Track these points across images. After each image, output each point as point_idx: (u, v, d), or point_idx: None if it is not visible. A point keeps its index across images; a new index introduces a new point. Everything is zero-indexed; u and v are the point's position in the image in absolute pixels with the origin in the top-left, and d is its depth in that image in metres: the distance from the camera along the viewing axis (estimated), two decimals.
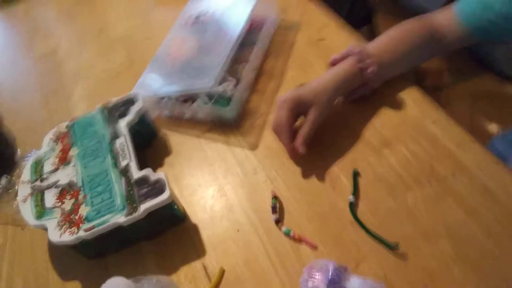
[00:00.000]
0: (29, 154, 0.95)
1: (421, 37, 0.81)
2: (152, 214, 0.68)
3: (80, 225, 0.67)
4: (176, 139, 0.90)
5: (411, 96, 0.82)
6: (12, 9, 1.49)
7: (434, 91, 2.07)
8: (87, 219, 0.68)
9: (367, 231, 0.66)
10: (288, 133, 0.74)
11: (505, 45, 1.97)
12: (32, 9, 1.46)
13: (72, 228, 0.67)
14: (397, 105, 0.81)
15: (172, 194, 0.69)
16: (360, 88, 0.81)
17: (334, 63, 0.81)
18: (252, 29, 1.01)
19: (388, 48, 0.80)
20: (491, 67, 2.07)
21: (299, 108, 0.75)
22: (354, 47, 0.78)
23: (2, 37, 1.42)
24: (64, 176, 0.76)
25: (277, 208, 0.73)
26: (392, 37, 0.82)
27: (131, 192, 0.69)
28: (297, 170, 0.78)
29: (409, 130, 0.77)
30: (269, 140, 0.83)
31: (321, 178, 0.75)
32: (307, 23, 1.05)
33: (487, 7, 0.74)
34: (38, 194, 0.74)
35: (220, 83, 0.88)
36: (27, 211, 0.72)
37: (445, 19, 0.82)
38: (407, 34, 0.82)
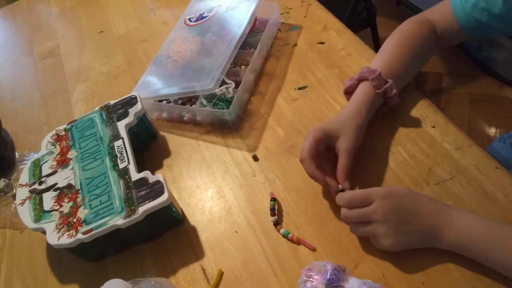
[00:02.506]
0: (27, 157, 0.95)
1: (424, 39, 0.81)
2: (150, 216, 0.68)
3: (79, 227, 0.67)
4: (175, 141, 0.90)
5: (410, 99, 0.82)
6: (14, 8, 1.50)
7: (434, 95, 2.08)
8: (86, 221, 0.68)
9: None
10: (309, 162, 0.68)
11: (505, 49, 1.98)
12: (33, 9, 1.46)
13: (71, 231, 0.67)
14: (397, 108, 0.81)
15: (170, 196, 0.69)
16: (380, 110, 0.79)
17: (348, 91, 0.80)
18: (253, 31, 1.01)
19: (398, 62, 0.79)
20: (490, 71, 2.07)
21: (326, 140, 0.70)
22: (367, 72, 0.76)
23: (2, 36, 1.43)
24: (63, 178, 0.76)
25: (276, 210, 0.73)
26: (398, 47, 0.81)
27: (130, 194, 0.69)
28: (295, 172, 0.77)
29: (408, 133, 0.78)
30: (268, 142, 0.84)
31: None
32: (309, 26, 1.05)
33: (482, 10, 0.75)
34: (36, 197, 0.74)
35: (220, 85, 0.88)
36: (25, 214, 0.72)
37: (441, 16, 0.82)
38: (411, 41, 0.81)
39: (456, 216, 0.60)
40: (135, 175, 0.72)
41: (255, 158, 0.81)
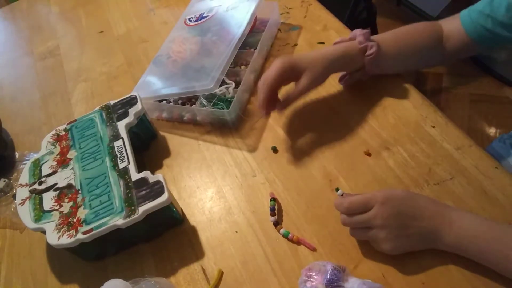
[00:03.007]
0: (27, 157, 0.95)
1: (428, 37, 0.81)
2: (150, 216, 0.68)
3: (79, 227, 0.67)
4: (175, 141, 0.90)
5: (410, 99, 0.82)
6: (14, 8, 1.50)
7: (434, 94, 2.08)
8: (86, 221, 0.68)
9: None
10: (267, 89, 0.75)
11: (505, 49, 1.98)
12: (33, 9, 1.46)
13: (71, 231, 0.67)
14: (397, 108, 0.81)
15: (170, 196, 0.69)
16: (357, 73, 0.82)
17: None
18: (253, 31, 1.01)
19: (391, 40, 0.81)
20: (490, 71, 2.07)
21: (291, 72, 0.75)
22: (357, 30, 0.79)
23: (2, 36, 1.43)
24: (63, 178, 0.76)
25: (276, 210, 0.73)
26: (398, 32, 0.83)
27: (130, 194, 0.69)
28: (295, 172, 0.78)
29: (408, 133, 0.78)
30: (268, 142, 0.83)
31: (320, 180, 0.75)
32: (309, 26, 1.06)
33: (487, 16, 0.75)
34: (36, 197, 0.74)
35: (220, 85, 0.88)
36: (25, 214, 0.72)
37: (452, 26, 0.82)
38: (413, 32, 0.82)
39: (456, 218, 0.60)
40: (135, 175, 0.72)
41: (275, 150, 0.82)
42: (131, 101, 0.85)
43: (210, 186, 0.80)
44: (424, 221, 0.60)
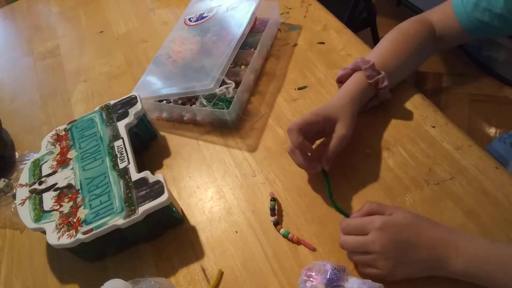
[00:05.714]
0: (27, 157, 0.95)
1: (422, 37, 0.81)
2: (150, 216, 0.68)
3: (79, 228, 0.67)
4: (175, 141, 0.90)
5: (410, 99, 0.82)
6: (14, 8, 1.50)
7: (434, 95, 2.08)
8: (86, 221, 0.68)
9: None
10: (297, 133, 0.68)
11: (505, 49, 1.98)
12: (33, 9, 1.46)
13: (71, 231, 0.67)
14: (397, 108, 0.81)
15: (170, 196, 0.69)
16: (370, 102, 0.80)
17: (340, 80, 0.80)
18: (253, 31, 1.01)
19: (393, 56, 0.79)
20: (490, 71, 2.07)
21: (323, 123, 0.71)
22: (360, 62, 0.76)
23: (2, 36, 1.43)
24: (63, 178, 0.76)
25: (276, 210, 0.73)
26: (394, 43, 0.81)
27: (130, 194, 0.69)
28: (295, 172, 0.77)
29: (409, 133, 0.77)
30: (268, 142, 0.84)
31: (320, 180, 0.75)
32: (309, 26, 1.05)
33: (484, 10, 0.74)
34: (36, 197, 0.74)
35: (220, 85, 0.88)
36: (25, 214, 0.72)
37: (442, 17, 0.82)
38: (408, 38, 0.81)
39: (462, 244, 0.57)
40: (135, 175, 0.72)
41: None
42: (131, 101, 0.85)
43: (210, 186, 0.80)
44: (426, 250, 0.57)
